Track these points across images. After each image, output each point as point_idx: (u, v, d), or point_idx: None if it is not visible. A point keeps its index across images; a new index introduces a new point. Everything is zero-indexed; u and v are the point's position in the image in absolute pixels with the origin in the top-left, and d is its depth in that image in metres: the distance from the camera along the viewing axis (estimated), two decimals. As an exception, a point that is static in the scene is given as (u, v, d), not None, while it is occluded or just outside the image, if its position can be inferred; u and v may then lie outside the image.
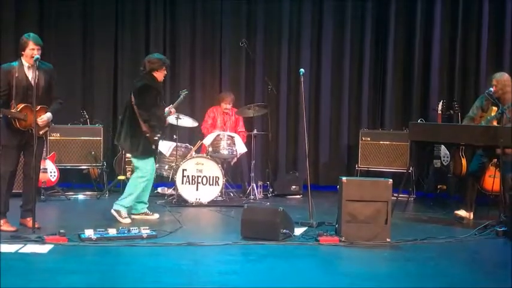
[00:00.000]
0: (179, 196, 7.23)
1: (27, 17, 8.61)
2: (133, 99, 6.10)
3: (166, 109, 6.47)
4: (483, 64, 8.31)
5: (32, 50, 5.41)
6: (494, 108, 6.32)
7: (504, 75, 6.45)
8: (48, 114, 5.59)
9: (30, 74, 5.46)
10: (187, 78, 8.91)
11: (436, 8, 8.51)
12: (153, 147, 6.21)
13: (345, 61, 8.88)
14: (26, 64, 5.47)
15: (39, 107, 5.42)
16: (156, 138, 6.19)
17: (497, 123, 6.20)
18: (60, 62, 8.63)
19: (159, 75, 6.24)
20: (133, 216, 6.25)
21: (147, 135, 6.08)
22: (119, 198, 6.26)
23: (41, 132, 5.54)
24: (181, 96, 6.89)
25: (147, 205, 6.42)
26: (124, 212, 6.12)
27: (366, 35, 8.83)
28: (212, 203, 7.22)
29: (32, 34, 5.53)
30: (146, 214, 6.35)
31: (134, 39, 8.86)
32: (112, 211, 6.16)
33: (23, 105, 5.41)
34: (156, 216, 6.38)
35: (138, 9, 8.83)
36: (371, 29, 8.84)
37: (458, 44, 8.46)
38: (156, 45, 8.81)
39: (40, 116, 5.48)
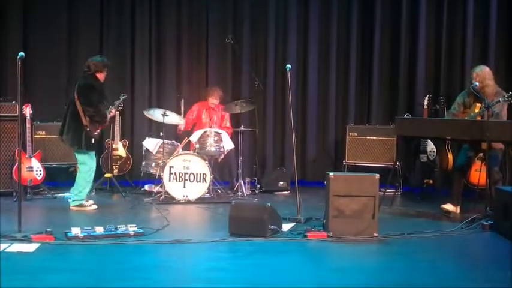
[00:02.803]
0: (166, 193, 7.21)
1: (11, 12, 8.53)
2: (77, 96, 6.56)
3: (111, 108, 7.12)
4: (468, 59, 8.34)
5: None
6: (478, 105, 6.34)
7: (485, 69, 6.47)
8: None
9: None
10: (173, 75, 8.88)
11: (422, 3, 8.53)
12: (93, 141, 6.65)
13: (332, 56, 8.90)
14: None
15: None
16: (96, 133, 6.67)
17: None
18: (45, 59, 8.59)
19: (101, 76, 6.80)
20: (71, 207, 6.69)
21: (88, 129, 6.55)
22: (74, 194, 6.66)
23: None
24: (120, 99, 7.52)
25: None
26: (85, 202, 6.66)
27: (352, 30, 8.85)
28: (200, 200, 7.21)
29: None
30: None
31: (119, 36, 8.80)
32: (73, 208, 6.62)
33: None
34: (94, 206, 6.75)
35: (124, 6, 8.78)
36: (357, 25, 8.85)
37: (443, 39, 8.49)
38: (141, 42, 8.77)
39: None
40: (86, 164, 6.69)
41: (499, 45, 8.34)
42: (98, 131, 6.71)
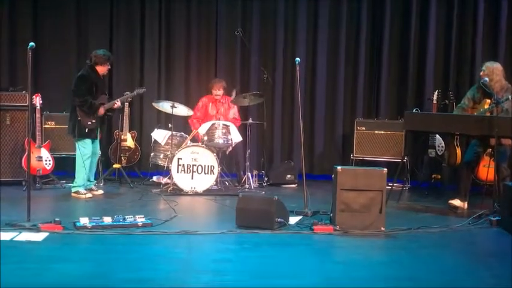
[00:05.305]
0: (174, 185, 7.24)
1: (21, 3, 8.58)
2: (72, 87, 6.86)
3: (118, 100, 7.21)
4: (478, 54, 8.32)
5: None
6: (488, 101, 6.31)
7: (495, 64, 6.44)
8: None
9: None
10: (182, 67, 8.89)
11: (432, -2, 8.51)
12: (87, 130, 6.81)
13: (341, 50, 8.88)
14: None
15: None
16: (90, 123, 6.82)
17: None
18: (55, 49, 8.63)
19: (102, 69, 6.95)
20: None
21: (79, 119, 6.74)
22: (73, 182, 6.92)
23: None
24: (134, 92, 7.49)
25: (93, 182, 7.13)
26: (82, 190, 6.84)
27: (362, 24, 8.82)
28: (207, 192, 7.23)
29: None
30: (92, 190, 7.02)
31: (129, 28, 8.82)
32: (72, 195, 6.84)
33: None
34: (101, 192, 7.12)
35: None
36: (367, 19, 8.83)
37: (453, 34, 8.46)
38: (150, 34, 8.79)
39: None
40: (79, 152, 6.85)
41: (509, 41, 8.29)
42: (93, 121, 6.83)
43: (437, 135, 7.81)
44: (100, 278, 3.88)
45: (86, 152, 6.84)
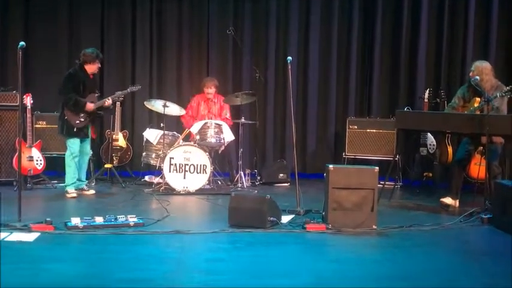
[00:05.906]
0: (166, 184, 7.22)
1: (13, 2, 8.54)
2: None
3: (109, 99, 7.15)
4: (469, 53, 8.34)
5: None
6: (478, 99, 6.34)
7: (484, 63, 6.47)
8: None
9: None
10: (174, 66, 8.88)
11: (424, -3, 8.53)
12: (75, 129, 6.83)
13: (333, 49, 8.88)
14: None
15: None
16: (78, 122, 6.84)
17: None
18: (46, 51, 8.59)
19: (91, 67, 6.96)
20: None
21: (66, 117, 6.78)
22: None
23: None
24: (128, 90, 7.40)
25: (84, 182, 7.14)
26: (70, 189, 6.86)
27: (354, 23, 8.82)
28: (200, 191, 7.22)
29: None
30: (83, 190, 7.05)
31: (120, 27, 8.79)
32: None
33: None
34: (92, 191, 7.11)
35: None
36: (358, 18, 8.82)
37: (444, 33, 8.48)
38: (142, 33, 8.77)
39: None
40: (68, 149, 6.90)
41: (499, 40, 8.33)
42: (81, 120, 6.83)
43: (428, 134, 7.84)
44: (92, 278, 3.86)
45: (72, 151, 6.86)
